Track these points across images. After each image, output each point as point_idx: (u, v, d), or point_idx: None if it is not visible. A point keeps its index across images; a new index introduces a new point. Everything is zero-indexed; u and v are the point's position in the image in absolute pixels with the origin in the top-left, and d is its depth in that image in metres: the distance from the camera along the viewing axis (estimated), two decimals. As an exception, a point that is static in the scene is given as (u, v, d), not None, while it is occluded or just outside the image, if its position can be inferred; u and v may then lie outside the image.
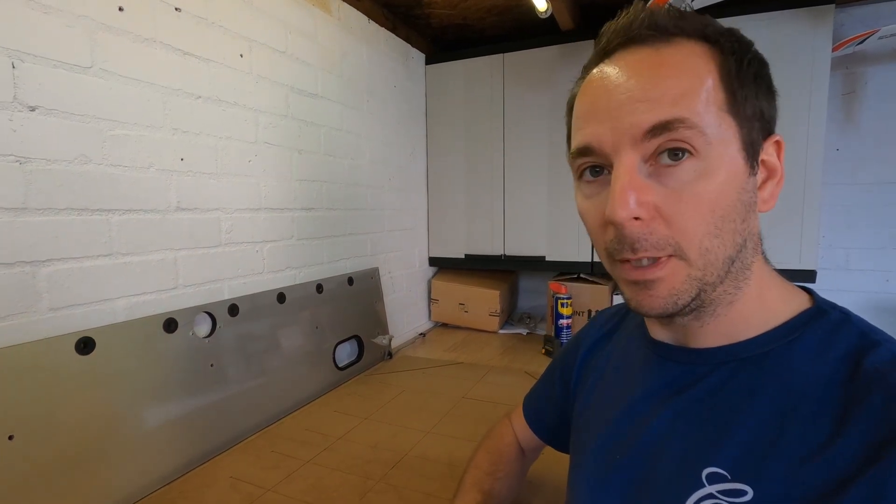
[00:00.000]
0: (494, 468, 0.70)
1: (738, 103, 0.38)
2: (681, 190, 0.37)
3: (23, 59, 0.80)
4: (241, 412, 1.15)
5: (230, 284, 1.20)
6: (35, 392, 0.79)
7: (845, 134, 1.81)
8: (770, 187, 0.41)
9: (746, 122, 0.38)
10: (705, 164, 0.36)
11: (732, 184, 0.37)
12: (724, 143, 0.37)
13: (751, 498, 0.36)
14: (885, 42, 1.59)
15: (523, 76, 1.98)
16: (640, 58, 0.38)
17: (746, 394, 0.39)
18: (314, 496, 0.91)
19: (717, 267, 0.38)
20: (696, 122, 0.36)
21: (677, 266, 0.38)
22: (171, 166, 1.04)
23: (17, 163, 0.80)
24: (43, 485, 0.78)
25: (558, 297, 1.84)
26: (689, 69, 0.37)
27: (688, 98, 0.36)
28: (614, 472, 0.46)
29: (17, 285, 0.80)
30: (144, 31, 0.98)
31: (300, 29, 1.41)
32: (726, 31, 0.39)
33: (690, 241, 0.37)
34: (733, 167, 0.37)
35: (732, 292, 0.41)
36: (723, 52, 0.38)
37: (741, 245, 0.39)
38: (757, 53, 0.40)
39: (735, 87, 0.38)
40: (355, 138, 1.69)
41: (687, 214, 0.37)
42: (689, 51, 0.38)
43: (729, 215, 0.37)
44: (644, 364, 0.48)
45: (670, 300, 0.39)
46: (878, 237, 1.81)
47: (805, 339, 0.39)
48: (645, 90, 0.37)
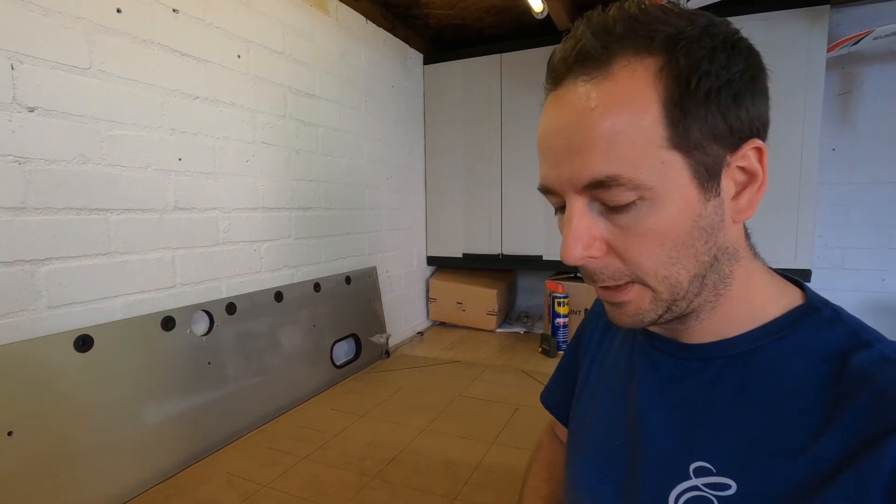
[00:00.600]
0: (549, 474, 0.68)
1: (681, 134, 0.35)
2: (629, 228, 0.37)
3: (22, 60, 0.81)
4: (238, 410, 1.16)
5: (228, 283, 1.21)
6: (34, 389, 0.80)
7: (841, 134, 1.81)
8: (748, 194, 0.38)
9: (695, 149, 0.36)
10: (650, 204, 0.36)
11: (685, 215, 0.36)
12: (668, 179, 0.36)
13: (734, 492, 0.36)
14: (880, 42, 1.60)
15: (521, 76, 1.98)
16: (574, 97, 0.37)
17: (735, 390, 0.39)
18: (310, 492, 0.92)
19: (684, 287, 0.39)
20: (631, 175, 0.35)
21: (641, 290, 0.39)
22: (168, 166, 1.05)
23: (17, 163, 0.81)
24: (41, 480, 0.79)
25: (555, 296, 1.85)
26: (626, 106, 0.35)
27: (621, 147, 0.35)
28: (610, 456, 0.47)
29: (17, 284, 0.81)
30: (142, 33, 0.99)
31: (298, 29, 1.42)
32: (681, 36, 0.36)
33: (646, 272, 0.38)
34: (684, 198, 0.36)
35: (713, 300, 0.41)
36: (670, 72, 0.35)
37: (709, 262, 0.39)
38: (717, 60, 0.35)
39: (677, 116, 0.35)
40: (353, 138, 1.70)
41: (637, 251, 0.37)
42: (629, 81, 0.35)
43: (685, 243, 0.37)
44: (640, 353, 0.49)
45: (637, 318, 0.40)
46: (875, 237, 1.81)
47: (795, 337, 0.39)
48: (578, 141, 0.37)
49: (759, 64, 0.38)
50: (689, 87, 0.35)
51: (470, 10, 1.88)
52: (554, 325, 1.84)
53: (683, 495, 0.39)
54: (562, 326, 1.83)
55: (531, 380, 1.52)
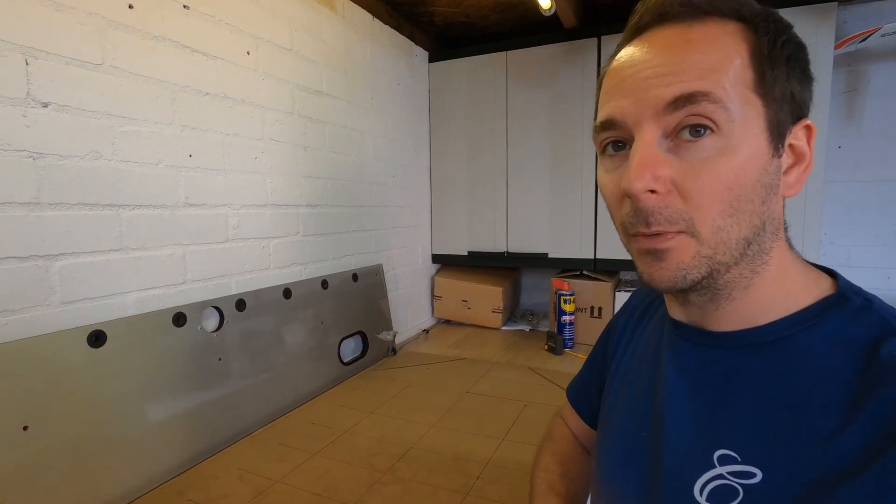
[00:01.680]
0: (565, 469, 0.67)
1: (766, 83, 0.37)
2: (699, 166, 0.36)
3: (36, 56, 0.81)
4: (248, 405, 1.16)
5: (237, 279, 1.21)
6: (48, 384, 0.80)
7: (847, 131, 1.81)
8: (797, 172, 0.40)
9: (774, 103, 0.37)
10: (726, 142, 0.36)
11: (753, 163, 0.37)
12: (747, 121, 0.36)
13: (759, 480, 0.36)
14: (887, 39, 1.60)
15: (526, 74, 1.98)
16: (671, 34, 0.39)
17: (761, 379, 0.39)
18: (321, 487, 0.92)
19: (730, 247, 0.38)
20: (720, 96, 0.36)
21: (686, 241, 0.38)
22: (179, 162, 1.06)
23: (31, 158, 0.81)
24: (56, 473, 0.79)
25: (561, 294, 1.85)
26: (719, 46, 0.37)
27: (714, 73, 0.36)
28: (635, 448, 0.47)
29: (31, 279, 0.81)
30: (154, 29, 0.99)
31: (305, 26, 1.42)
32: (763, 11, 0.39)
33: (703, 217, 0.37)
34: (755, 147, 0.37)
35: (749, 276, 0.40)
36: (757, 32, 0.38)
37: (759, 228, 0.38)
38: (794, 36, 0.39)
39: (765, 67, 0.37)
40: (359, 135, 1.70)
41: (703, 190, 0.36)
42: (721, 29, 0.38)
43: (747, 195, 0.37)
44: (667, 344, 0.48)
45: (679, 273, 0.39)
46: (880, 234, 1.81)
47: (824, 326, 0.38)
48: (671, 65, 0.37)
49: (808, 59, 0.40)
50: (776, 46, 0.37)
51: (475, 8, 1.88)
52: (560, 322, 1.84)
53: (709, 484, 0.39)
54: (567, 324, 1.84)
55: (538, 377, 1.52)
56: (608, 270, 1.99)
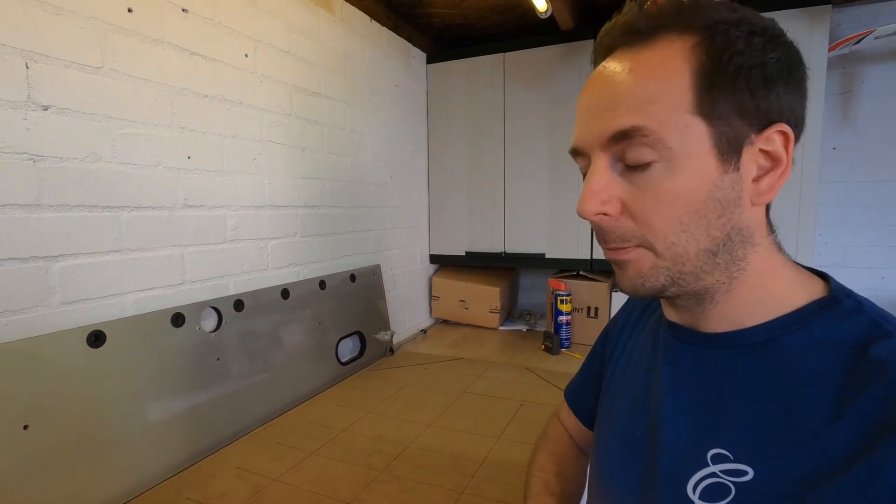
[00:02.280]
0: (561, 469, 0.68)
1: (709, 102, 0.37)
2: (645, 189, 0.39)
3: (36, 59, 0.82)
4: (246, 405, 1.17)
5: (235, 280, 1.22)
6: (48, 383, 0.81)
7: (842, 133, 1.82)
8: (770, 179, 0.39)
9: (719, 120, 0.38)
10: (668, 165, 0.38)
11: (701, 182, 0.38)
12: (687, 144, 0.38)
13: (751, 478, 0.37)
14: (881, 42, 1.61)
15: (524, 75, 1.99)
16: (616, 65, 0.40)
17: (752, 378, 0.40)
18: (319, 486, 0.93)
19: (690, 259, 0.40)
20: (655, 128, 0.38)
21: (644, 254, 0.41)
22: (178, 164, 1.07)
23: (31, 161, 0.82)
24: (56, 472, 0.80)
25: (558, 294, 1.86)
26: (660, 72, 0.38)
27: (649, 105, 0.38)
28: (630, 447, 0.48)
29: (31, 280, 0.82)
30: (153, 32, 1.00)
31: (303, 29, 1.43)
32: (721, 20, 0.38)
33: (655, 235, 0.40)
34: (700, 167, 0.38)
35: (726, 282, 0.41)
36: (706, 47, 0.38)
37: (722, 239, 0.40)
38: (753, 44, 0.38)
39: (707, 86, 0.37)
40: (358, 136, 1.71)
41: (650, 211, 0.39)
42: (666, 51, 0.38)
43: (697, 212, 0.38)
44: (663, 345, 0.49)
45: (637, 281, 0.42)
46: (875, 235, 1.83)
47: (814, 327, 0.39)
48: (612, 97, 0.40)
49: (799, 60, 0.40)
50: (721, 62, 0.37)
51: (473, 10, 1.89)
52: (556, 322, 1.85)
53: (702, 482, 0.40)
54: (564, 324, 1.85)
55: (535, 377, 1.53)
56: (605, 271, 2.00)
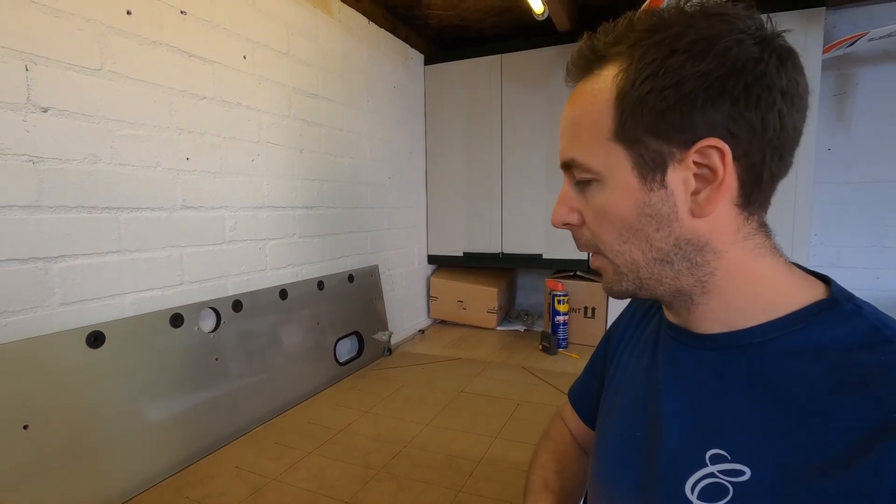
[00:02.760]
0: (561, 467, 0.68)
1: (622, 128, 0.40)
2: (591, 204, 0.45)
3: (36, 61, 0.82)
4: (244, 405, 1.18)
5: (234, 281, 1.23)
6: (48, 384, 0.82)
7: (837, 134, 1.84)
8: (707, 192, 0.40)
9: (636, 143, 0.40)
10: (602, 184, 0.43)
11: (628, 200, 0.42)
12: (613, 167, 0.42)
13: (748, 478, 0.38)
14: (875, 44, 1.62)
15: (521, 76, 2.00)
16: (572, 94, 0.46)
17: (747, 379, 0.41)
18: (317, 485, 0.94)
19: (640, 266, 0.44)
20: (582, 161, 0.43)
21: (605, 261, 0.47)
22: (177, 165, 1.07)
23: (31, 162, 0.82)
24: (56, 472, 0.81)
25: (555, 295, 1.87)
26: (589, 103, 0.43)
27: (579, 137, 0.44)
28: (630, 447, 0.49)
29: (31, 281, 0.83)
30: (152, 34, 1.00)
31: (302, 30, 1.43)
32: (647, 42, 0.39)
33: (605, 245, 0.45)
34: (625, 185, 0.42)
35: (698, 285, 0.43)
36: (626, 73, 0.40)
37: (669, 250, 0.42)
38: (665, 65, 0.38)
39: (619, 112, 0.40)
40: (356, 137, 1.71)
41: (596, 224, 0.45)
42: (601, 80, 0.42)
43: (632, 226, 0.43)
44: (662, 345, 0.50)
45: (607, 286, 0.48)
46: (869, 235, 1.84)
47: (813, 329, 0.39)
48: (562, 129, 0.46)
49: (742, 69, 0.37)
50: (633, 86, 0.40)
51: (470, 11, 1.90)
52: (554, 322, 1.86)
53: (700, 483, 0.40)
54: (562, 324, 1.86)
55: (532, 376, 1.54)
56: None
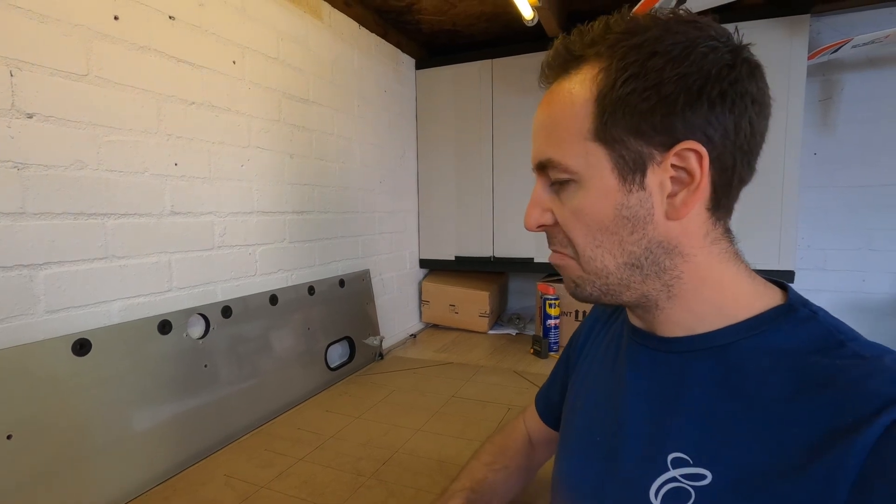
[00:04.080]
0: (493, 459, 0.72)
1: (606, 127, 0.40)
2: (567, 205, 0.44)
3: (20, 67, 0.82)
4: (234, 412, 1.17)
5: (223, 286, 1.22)
6: (33, 393, 0.80)
7: (823, 138, 1.86)
8: (684, 195, 0.40)
9: (617, 144, 0.40)
10: (579, 185, 0.43)
11: (606, 202, 0.41)
12: (591, 168, 0.41)
13: (709, 482, 0.38)
14: (858, 50, 1.65)
15: (512, 81, 2.02)
16: (546, 95, 0.45)
17: (707, 383, 0.42)
18: (307, 492, 0.93)
19: (612, 272, 0.43)
20: (559, 160, 0.43)
21: (572, 264, 0.46)
22: (165, 171, 1.06)
23: (15, 168, 0.81)
24: (41, 483, 0.80)
25: (546, 298, 1.87)
26: (567, 102, 0.42)
27: (556, 137, 0.43)
28: (592, 450, 0.49)
29: (15, 288, 0.82)
30: (139, 40, 1.00)
31: (292, 35, 1.43)
32: (627, 44, 0.39)
33: (578, 249, 0.45)
34: (604, 186, 0.41)
35: (664, 290, 0.43)
36: (606, 73, 0.40)
37: (642, 254, 0.42)
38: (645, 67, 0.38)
39: (600, 112, 0.40)
40: (346, 142, 1.71)
41: (571, 225, 0.44)
42: (580, 80, 0.42)
43: (608, 229, 0.42)
44: (625, 348, 0.51)
45: (571, 286, 0.47)
46: (855, 238, 1.86)
47: (770, 334, 0.40)
48: (536, 129, 0.46)
49: (718, 74, 0.38)
50: (615, 86, 0.40)
51: (461, 17, 1.91)
52: (545, 326, 1.87)
53: (663, 487, 0.41)
54: (553, 328, 1.86)
55: (523, 380, 1.54)
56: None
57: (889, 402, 0.33)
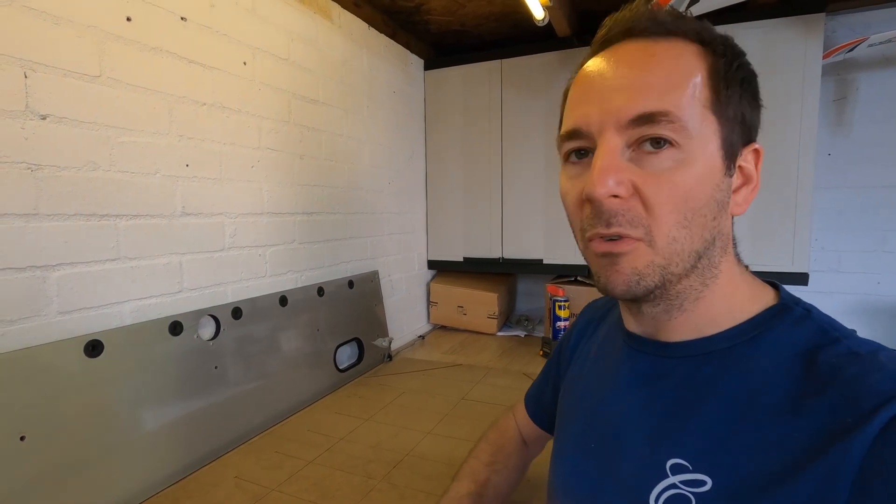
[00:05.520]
0: (493, 459, 0.72)
1: (721, 103, 0.39)
2: (659, 175, 0.38)
3: (34, 69, 0.82)
4: (244, 413, 1.16)
5: (233, 288, 1.22)
6: (45, 394, 0.81)
7: (837, 139, 1.84)
8: (744, 193, 0.42)
9: (728, 122, 0.40)
10: (684, 156, 0.38)
11: (708, 179, 0.39)
12: (704, 138, 0.39)
13: (710, 488, 0.38)
14: (874, 49, 1.63)
15: (521, 82, 2.00)
16: (636, 48, 0.40)
17: (709, 387, 0.41)
18: (317, 495, 0.93)
19: (683, 258, 0.40)
20: (679, 115, 0.37)
21: (643, 249, 0.39)
22: (176, 172, 1.07)
23: (29, 170, 0.82)
24: (53, 483, 0.80)
25: (555, 300, 1.86)
26: (680, 64, 0.39)
27: (675, 92, 0.38)
28: (588, 458, 0.49)
29: (29, 289, 0.82)
30: (151, 41, 1.00)
31: (302, 36, 1.43)
32: (721, 36, 0.41)
33: (660, 227, 0.38)
34: (711, 163, 0.39)
35: (699, 288, 0.42)
36: (714, 53, 0.40)
37: (709, 241, 0.41)
38: (747, 63, 0.41)
39: (721, 87, 0.39)
40: (356, 143, 1.71)
41: (662, 199, 0.38)
42: (682, 48, 0.40)
43: (701, 209, 0.39)
44: (619, 354, 0.50)
45: (633, 279, 0.40)
46: (870, 240, 1.84)
47: (768, 335, 0.40)
48: (636, 78, 0.39)
49: (753, 76, 0.42)
50: (731, 68, 0.40)
51: (470, 17, 1.90)
52: (555, 328, 1.86)
53: (664, 494, 0.40)
54: (562, 330, 1.85)
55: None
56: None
57: (886, 399, 0.33)
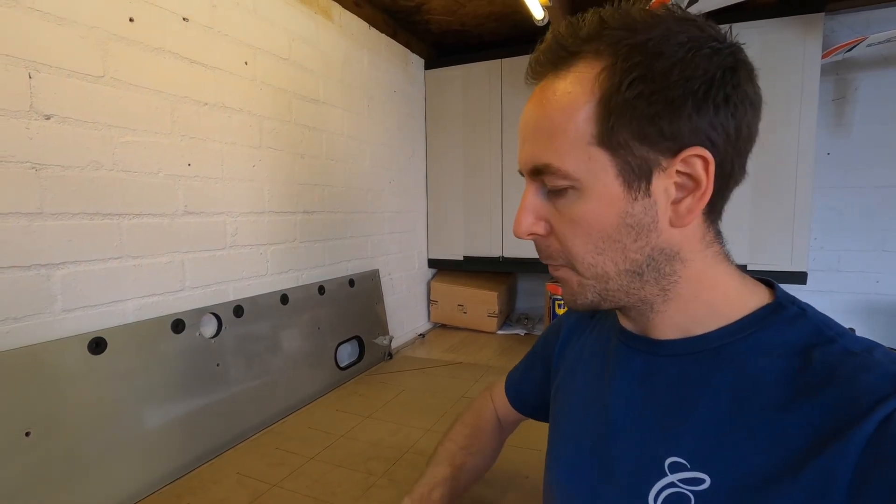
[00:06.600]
0: (469, 443, 0.72)
1: (608, 133, 0.38)
2: (565, 213, 0.42)
3: (38, 69, 0.83)
4: (246, 411, 1.17)
5: (235, 286, 1.23)
6: (50, 391, 0.82)
7: (836, 138, 1.84)
8: (689, 202, 0.39)
9: (621, 149, 0.38)
10: (580, 193, 0.40)
11: (610, 209, 0.39)
12: (594, 175, 0.39)
13: (708, 486, 0.38)
14: (873, 49, 1.63)
15: (521, 81, 1.99)
16: (539, 90, 0.42)
17: (703, 385, 0.41)
18: (319, 491, 0.94)
19: (612, 278, 0.42)
20: (559, 166, 0.40)
21: (570, 273, 0.44)
22: (178, 171, 1.07)
23: (33, 169, 0.83)
24: (57, 479, 0.81)
25: (555, 299, 1.87)
26: (566, 104, 0.39)
27: (556, 140, 0.40)
28: (583, 457, 0.49)
29: (33, 287, 0.83)
30: (154, 41, 1.01)
31: (303, 36, 1.44)
32: (630, 43, 0.37)
33: (576, 257, 0.42)
34: (608, 194, 0.39)
35: (661, 294, 0.43)
36: (609, 74, 0.37)
37: (643, 261, 0.41)
38: (651, 68, 0.36)
39: (605, 116, 0.38)
40: (356, 142, 1.72)
41: (569, 235, 0.42)
42: (581, 75, 0.38)
43: (611, 237, 0.40)
44: (614, 351, 0.50)
45: (571, 298, 0.45)
46: (869, 240, 1.84)
47: (762, 333, 0.40)
48: (531, 131, 0.42)
49: (722, 78, 0.37)
50: (620, 89, 0.37)
51: (470, 17, 1.91)
52: (554, 326, 1.86)
53: (663, 492, 0.40)
54: (562, 328, 1.85)
55: (533, 381, 1.54)
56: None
57: (881, 398, 0.33)
